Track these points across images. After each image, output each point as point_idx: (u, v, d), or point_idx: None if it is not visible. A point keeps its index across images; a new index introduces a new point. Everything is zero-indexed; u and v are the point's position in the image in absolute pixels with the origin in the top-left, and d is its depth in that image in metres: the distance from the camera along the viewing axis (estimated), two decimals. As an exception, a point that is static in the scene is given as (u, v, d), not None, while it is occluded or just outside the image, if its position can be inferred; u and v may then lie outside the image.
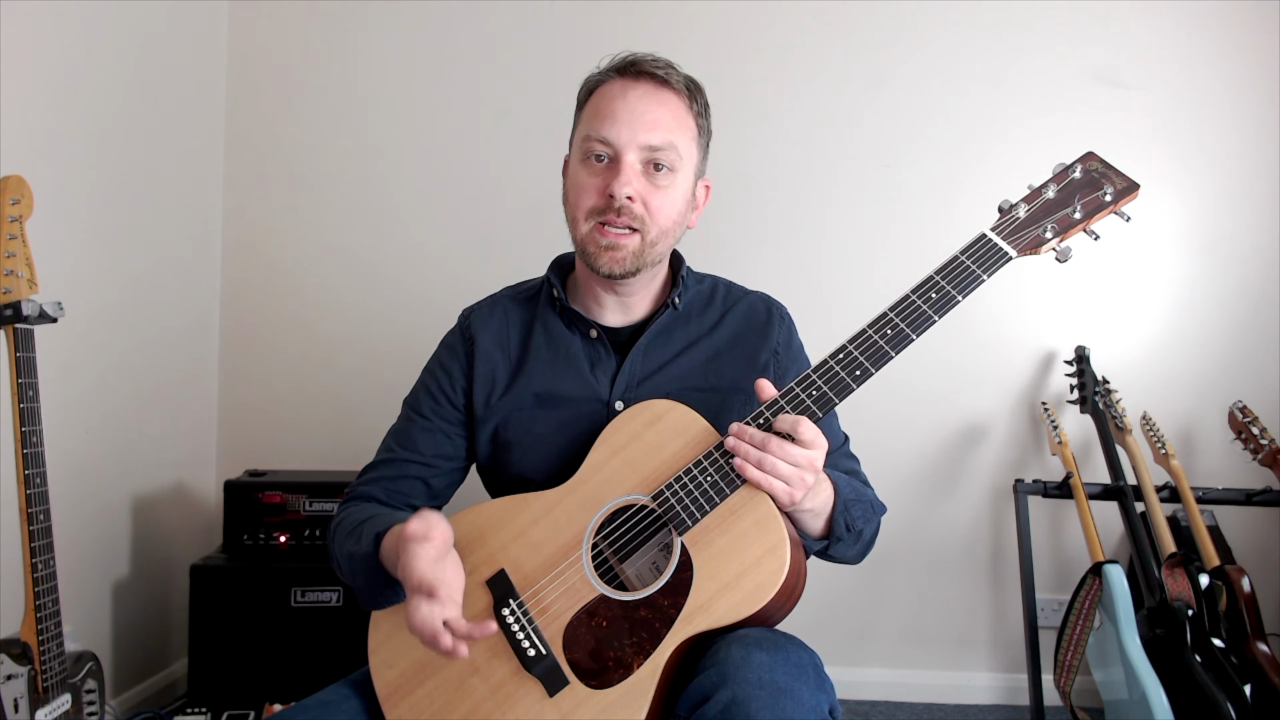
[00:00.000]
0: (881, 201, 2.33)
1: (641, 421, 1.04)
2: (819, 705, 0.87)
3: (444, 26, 2.39)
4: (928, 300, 0.99)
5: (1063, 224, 1.01)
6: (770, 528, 0.94)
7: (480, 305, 1.25)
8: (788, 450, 0.93)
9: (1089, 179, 1.03)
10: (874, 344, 0.97)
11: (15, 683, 1.33)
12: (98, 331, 1.91)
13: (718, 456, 0.97)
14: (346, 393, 2.39)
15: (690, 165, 1.13)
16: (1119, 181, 1.03)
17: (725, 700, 0.84)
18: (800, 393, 0.97)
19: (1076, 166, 1.05)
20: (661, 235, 1.11)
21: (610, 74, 1.12)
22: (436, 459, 1.18)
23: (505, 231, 2.37)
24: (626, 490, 1.01)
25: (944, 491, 2.34)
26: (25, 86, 1.67)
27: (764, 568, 0.93)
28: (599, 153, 1.09)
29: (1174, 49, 2.29)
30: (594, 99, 1.12)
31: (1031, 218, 1.02)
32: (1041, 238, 1.00)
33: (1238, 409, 2.14)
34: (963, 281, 0.99)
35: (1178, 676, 1.76)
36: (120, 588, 2.02)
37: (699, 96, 1.14)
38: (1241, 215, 2.28)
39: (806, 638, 0.99)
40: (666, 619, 0.93)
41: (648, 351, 1.15)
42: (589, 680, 0.94)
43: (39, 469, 1.34)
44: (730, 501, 0.96)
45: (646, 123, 1.07)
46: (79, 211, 1.85)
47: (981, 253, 1.00)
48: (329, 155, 2.40)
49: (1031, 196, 1.03)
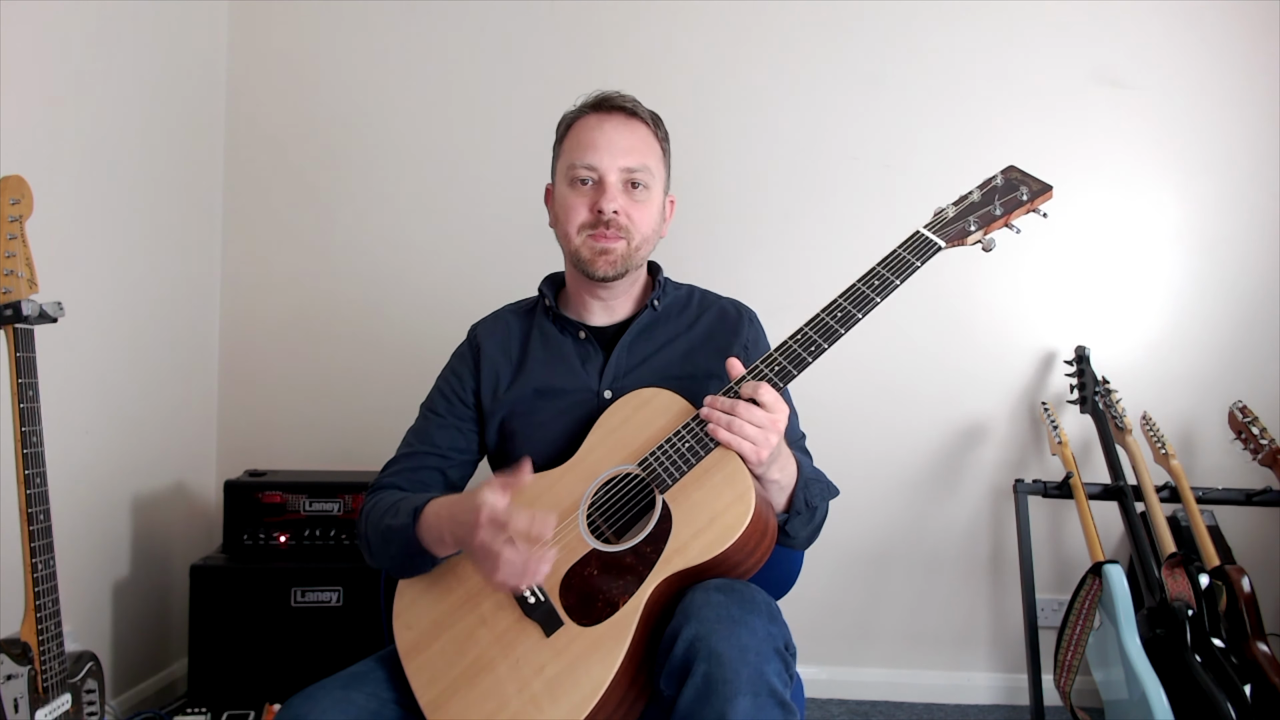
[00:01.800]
0: (881, 201, 2.33)
1: (631, 406, 1.19)
2: (772, 635, 0.97)
3: (444, 27, 2.39)
4: (870, 285, 1.16)
5: (984, 219, 1.19)
6: (738, 479, 1.07)
7: (485, 320, 1.41)
8: (752, 412, 1.06)
9: (1008, 184, 1.21)
10: (824, 324, 1.13)
11: (15, 683, 1.33)
12: (98, 331, 1.91)
13: (694, 425, 1.11)
14: (346, 393, 2.39)
15: (660, 181, 1.31)
16: (1034, 185, 1.21)
17: (690, 637, 0.95)
18: (763, 368, 1.12)
19: (998, 176, 1.23)
20: (644, 241, 1.28)
21: (585, 110, 1.30)
22: (451, 451, 1.31)
23: (504, 232, 2.37)
24: (617, 463, 1.15)
25: (944, 491, 2.34)
26: (25, 86, 1.67)
27: (732, 512, 1.05)
28: (584, 177, 1.26)
29: (1174, 49, 2.29)
30: (573, 132, 1.29)
31: (958, 215, 1.20)
32: (966, 230, 1.18)
33: (1238, 409, 2.14)
34: (899, 269, 1.16)
35: (1178, 676, 1.76)
36: (120, 588, 2.02)
37: (661, 126, 1.32)
38: (1241, 215, 2.28)
39: (807, 638, 1.02)
40: (649, 563, 1.06)
41: (632, 347, 1.31)
42: (581, 620, 1.05)
43: (39, 469, 1.34)
44: (705, 462, 1.09)
45: (623, 149, 1.25)
46: (79, 211, 1.85)
47: (916, 245, 1.18)
48: (329, 155, 2.40)
49: (959, 200, 1.22)
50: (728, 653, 0.93)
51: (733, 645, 0.93)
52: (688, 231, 2.09)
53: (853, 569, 2.34)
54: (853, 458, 2.23)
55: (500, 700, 1.03)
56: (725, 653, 0.93)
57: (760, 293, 1.58)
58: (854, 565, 2.34)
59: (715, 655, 0.93)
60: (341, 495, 2.02)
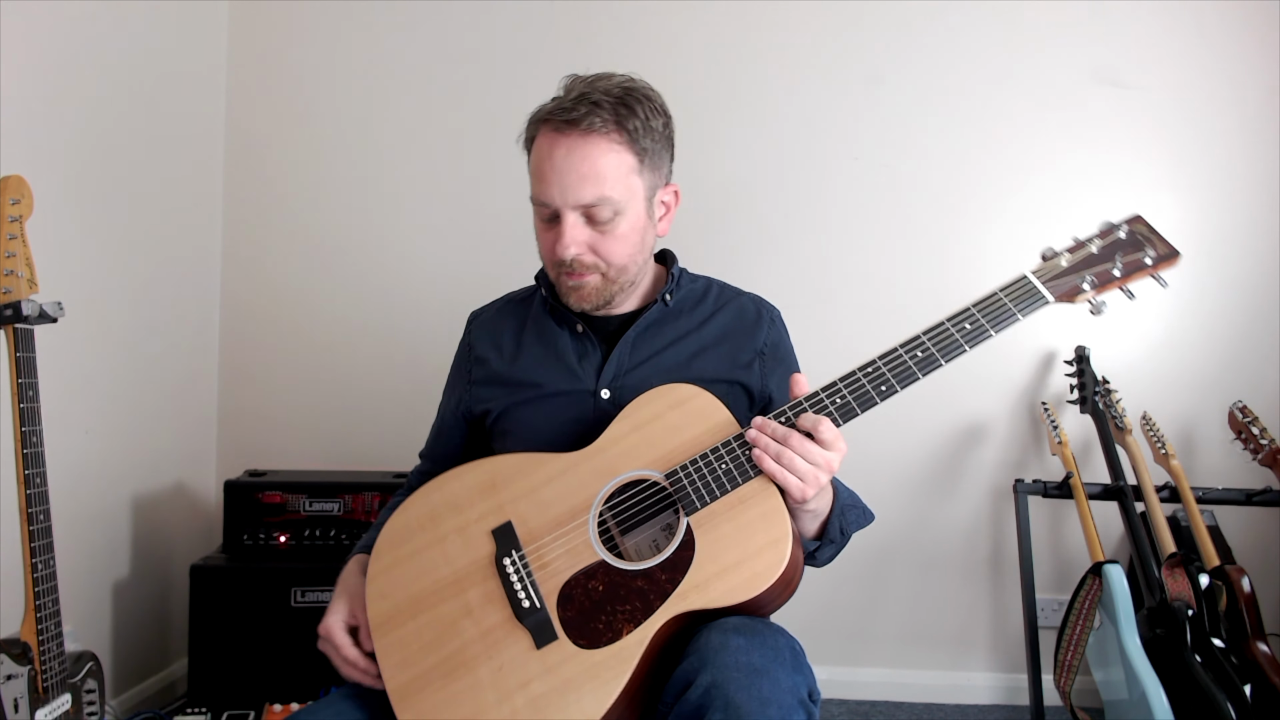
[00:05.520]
0: (882, 201, 2.33)
1: (665, 403, 1.07)
2: (796, 686, 0.89)
3: (445, 27, 2.39)
4: (961, 330, 1.02)
5: (1102, 278, 1.05)
6: (776, 521, 0.97)
7: (482, 309, 1.36)
8: (808, 447, 0.97)
9: (1133, 240, 1.07)
10: (902, 363, 1.01)
11: (15, 683, 1.33)
12: (98, 331, 1.91)
13: (735, 446, 1.01)
14: (346, 393, 2.39)
15: (636, 197, 1.13)
16: (1161, 247, 1.07)
17: (705, 684, 0.87)
18: (825, 398, 1.01)
19: (1123, 226, 1.08)
20: (621, 270, 1.15)
21: (541, 121, 1.14)
22: (459, 454, 1.29)
23: (504, 232, 2.37)
24: (641, 465, 1.05)
25: (944, 491, 2.34)
26: (25, 86, 1.67)
27: (764, 558, 0.96)
28: (543, 213, 1.14)
29: (1174, 49, 2.29)
30: (533, 153, 1.16)
31: (1073, 267, 1.06)
32: (1079, 288, 1.05)
33: (1238, 409, 2.14)
34: (997, 317, 1.03)
35: (1178, 676, 1.76)
36: (120, 588, 2.02)
37: (631, 119, 1.10)
38: (1241, 215, 2.28)
39: (806, 638, 1.00)
40: (662, 592, 0.96)
41: (636, 343, 1.21)
42: (577, 639, 0.97)
43: (39, 469, 1.34)
44: (741, 490, 0.99)
45: (575, 180, 1.09)
46: (79, 211, 1.85)
47: (1020, 293, 1.04)
48: (329, 155, 2.40)
49: (1075, 248, 1.07)
50: (747, 705, 0.85)
51: (753, 697, 0.85)
52: (686, 231, 2.08)
53: (852, 569, 2.34)
54: (852, 457, 2.21)
55: (477, 706, 0.96)
56: (744, 705, 0.85)
57: (758, 293, 1.57)
58: (854, 565, 2.33)
59: (733, 706, 0.85)
60: (341, 495, 2.02)
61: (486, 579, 1.03)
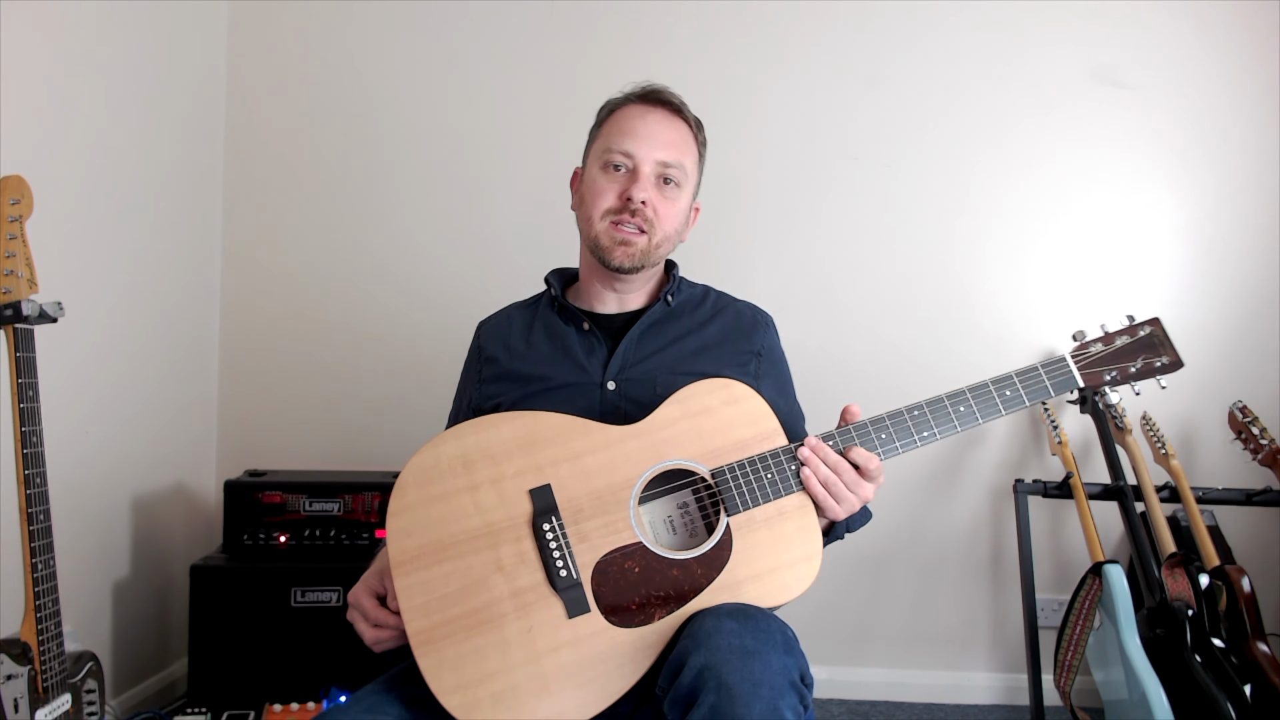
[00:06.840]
0: (881, 201, 2.33)
1: (719, 398, 1.10)
2: (788, 668, 0.92)
3: (445, 27, 2.39)
4: (1002, 396, 1.14)
5: (1122, 374, 1.18)
6: (811, 537, 1.05)
7: (490, 317, 1.41)
8: (856, 479, 1.06)
9: (1151, 343, 1.19)
10: (945, 412, 1.13)
11: (15, 683, 1.33)
12: (98, 331, 1.91)
13: (784, 459, 1.07)
14: (346, 393, 2.39)
15: (691, 184, 1.30)
16: (1170, 355, 1.19)
17: (698, 666, 0.90)
18: (871, 430, 1.10)
19: (1146, 327, 1.19)
20: (665, 239, 1.27)
21: (632, 98, 1.29)
22: None
23: (504, 232, 2.37)
24: (689, 455, 1.07)
25: (944, 491, 2.34)
26: (25, 86, 1.67)
27: (795, 571, 1.03)
28: (619, 163, 1.25)
29: (1174, 49, 2.29)
30: (615, 118, 1.28)
31: (1103, 358, 1.18)
32: (1103, 379, 1.17)
33: (1238, 409, 2.14)
34: (1035, 390, 1.15)
35: (1178, 676, 1.76)
36: (120, 588, 2.02)
37: (702, 132, 1.33)
38: (1241, 215, 2.28)
39: (807, 637, 1.02)
40: (696, 585, 1.01)
41: (641, 340, 1.28)
42: (609, 615, 1.00)
43: (39, 469, 1.34)
44: (782, 502, 1.06)
45: (663, 142, 1.24)
46: (79, 211, 1.85)
47: (1058, 374, 1.16)
48: (329, 155, 2.40)
49: (1107, 340, 1.19)
50: (739, 686, 0.87)
51: (745, 678, 0.88)
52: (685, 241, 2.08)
53: (853, 569, 2.34)
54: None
55: (504, 663, 0.97)
56: (736, 686, 0.87)
57: (758, 292, 1.57)
58: (854, 565, 2.34)
59: (725, 688, 0.87)
60: (341, 495, 2.02)
61: (521, 539, 1.03)
